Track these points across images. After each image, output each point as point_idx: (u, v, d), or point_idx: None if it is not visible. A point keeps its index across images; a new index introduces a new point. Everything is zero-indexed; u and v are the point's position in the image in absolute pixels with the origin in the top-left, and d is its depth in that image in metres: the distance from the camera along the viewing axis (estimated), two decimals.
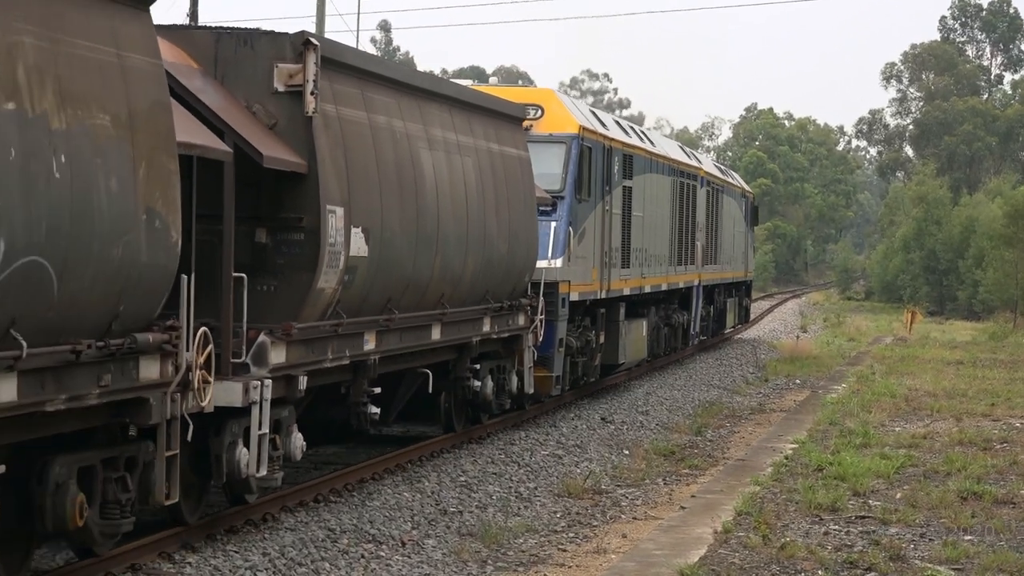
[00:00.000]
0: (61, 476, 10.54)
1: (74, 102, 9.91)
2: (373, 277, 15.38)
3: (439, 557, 13.72)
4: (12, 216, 9.09)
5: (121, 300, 10.51)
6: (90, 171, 10.02)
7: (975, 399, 27.35)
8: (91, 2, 10.34)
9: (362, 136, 15.26)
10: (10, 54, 9.25)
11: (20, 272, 9.25)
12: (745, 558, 13.11)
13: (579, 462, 20.00)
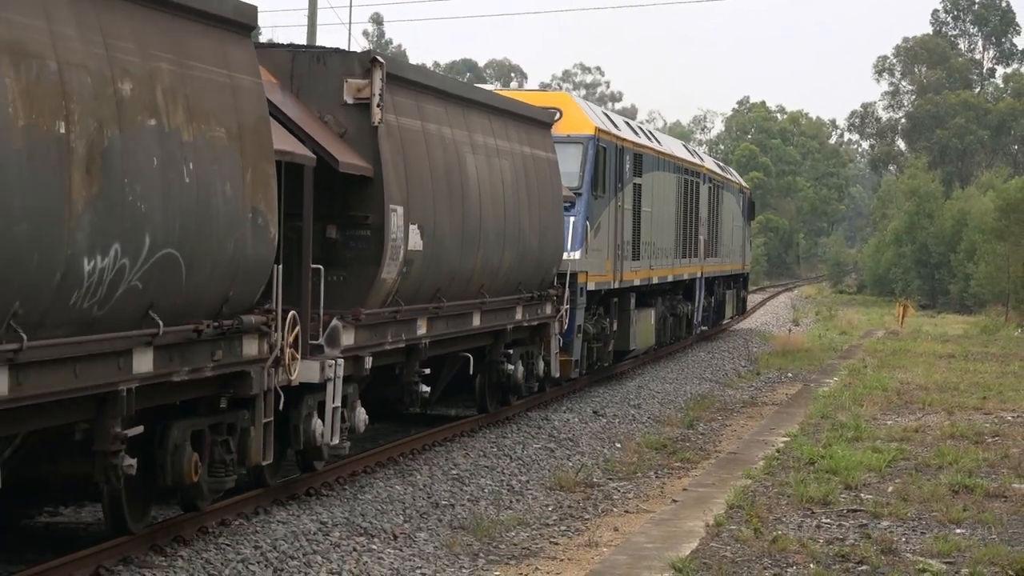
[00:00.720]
0: (179, 439, 12.26)
1: (198, 118, 11.70)
2: (426, 269, 17.13)
3: (431, 550, 13.73)
4: (154, 215, 10.93)
5: (231, 287, 12.35)
6: (210, 177, 11.79)
7: (967, 393, 27.37)
8: (208, 30, 12.14)
9: (417, 143, 17.09)
10: (151, 78, 11.07)
11: (159, 263, 11.07)
12: (737, 551, 13.12)
13: (571, 455, 20.01)
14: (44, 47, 9.85)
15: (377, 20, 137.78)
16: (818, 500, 15.64)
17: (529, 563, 13.55)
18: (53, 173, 9.80)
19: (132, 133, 10.77)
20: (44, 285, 9.80)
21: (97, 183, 10.28)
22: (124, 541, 12.01)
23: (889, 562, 12.85)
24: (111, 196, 10.43)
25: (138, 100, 10.88)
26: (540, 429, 21.65)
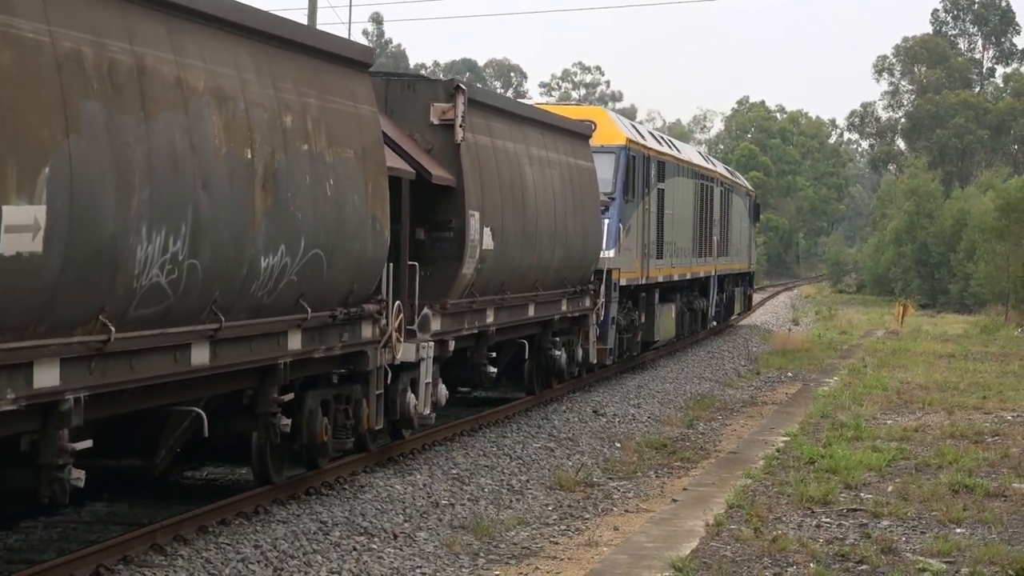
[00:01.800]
0: (312, 406, 14.83)
1: (335, 142, 14.41)
2: (495, 266, 19.94)
3: (431, 550, 13.72)
4: (307, 222, 13.62)
5: (355, 281, 15.04)
6: (344, 191, 14.52)
7: (967, 392, 27.38)
8: (340, 69, 14.92)
9: (488, 157, 19.85)
10: (304, 112, 13.80)
11: (309, 261, 13.74)
12: (737, 551, 13.12)
13: (571, 455, 20.01)
14: (236, 91, 12.52)
15: (377, 20, 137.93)
16: (818, 500, 15.64)
17: (529, 562, 13.55)
18: (244, 190, 12.51)
19: (293, 157, 13.46)
20: (235, 278, 12.48)
21: (270, 197, 12.97)
22: (124, 540, 12.02)
23: (889, 562, 12.85)
24: (279, 207, 13.13)
25: (296, 130, 13.63)
26: (540, 428, 21.66)
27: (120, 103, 10.73)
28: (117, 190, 10.57)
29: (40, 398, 10.16)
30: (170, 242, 11.31)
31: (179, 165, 11.46)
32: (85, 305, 10.42)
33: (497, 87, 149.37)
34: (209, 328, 12.17)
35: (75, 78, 10.23)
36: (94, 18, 10.62)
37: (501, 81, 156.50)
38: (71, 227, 10.02)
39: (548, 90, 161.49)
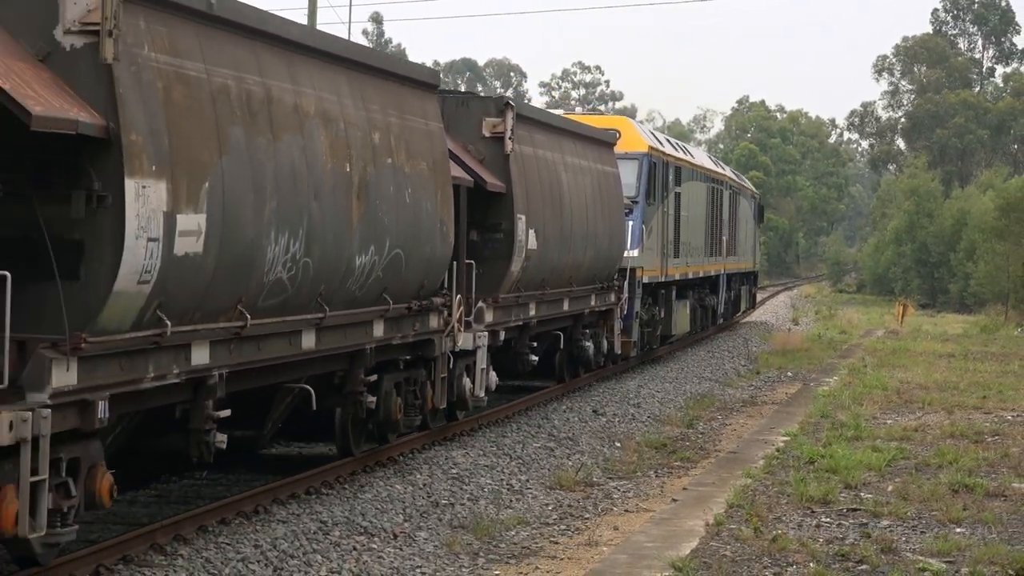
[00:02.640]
0: (388, 387, 16.83)
1: (412, 156, 16.52)
2: (538, 264, 22.16)
3: (431, 549, 13.72)
4: (391, 226, 15.71)
5: (425, 277, 17.18)
6: (419, 198, 16.64)
7: (966, 392, 27.37)
8: (415, 90, 17.10)
9: (531, 165, 22.08)
10: (388, 130, 15.88)
11: (391, 260, 15.81)
12: (737, 550, 13.12)
13: (571, 455, 20.01)
14: (337, 113, 14.61)
15: (377, 19, 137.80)
16: (818, 499, 15.64)
17: (529, 562, 13.55)
18: (344, 199, 14.62)
19: (380, 169, 15.56)
20: (336, 275, 14.60)
21: (364, 205, 15.08)
22: (124, 540, 12.02)
23: (889, 561, 12.85)
24: (370, 214, 15.23)
25: (383, 146, 15.72)
26: (540, 428, 21.66)
27: (255, 127, 12.83)
28: (254, 201, 12.69)
29: (195, 373, 12.24)
30: (290, 244, 13.42)
31: (297, 179, 13.58)
32: (228, 297, 12.53)
33: (497, 87, 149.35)
34: (316, 317, 14.33)
35: (224, 107, 12.31)
36: (235, 56, 12.70)
37: (501, 81, 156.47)
38: (222, 232, 12.06)
39: (548, 90, 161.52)
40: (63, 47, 10.77)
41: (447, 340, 18.25)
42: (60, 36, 10.78)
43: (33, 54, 10.72)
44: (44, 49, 10.79)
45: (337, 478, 16.05)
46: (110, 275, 10.71)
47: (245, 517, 13.81)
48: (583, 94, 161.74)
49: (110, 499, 11.20)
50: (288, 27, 14.02)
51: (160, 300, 11.35)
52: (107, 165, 10.70)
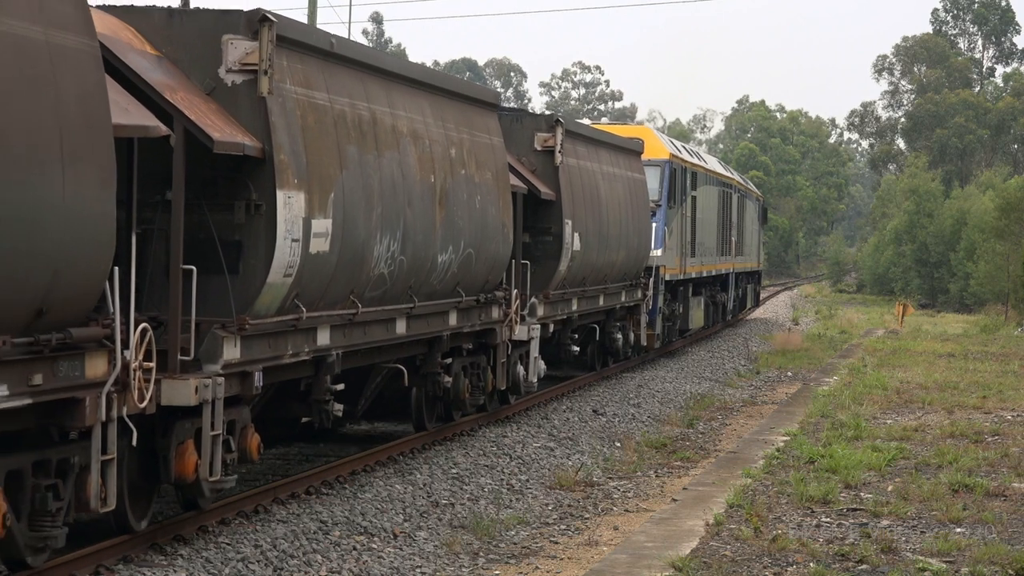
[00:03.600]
0: (457, 369, 19.22)
1: (480, 167, 19.03)
2: (581, 264, 24.73)
3: (431, 549, 13.73)
4: (465, 228, 18.25)
5: (490, 274, 19.67)
6: (486, 204, 19.13)
7: (966, 392, 27.35)
8: (480, 109, 19.73)
9: (576, 174, 24.64)
10: (461, 145, 18.39)
11: (464, 258, 18.23)
12: (737, 550, 13.12)
13: (571, 454, 20.01)
14: (423, 132, 17.13)
15: (377, 19, 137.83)
16: (818, 499, 15.63)
17: (529, 562, 13.55)
18: (429, 205, 17.11)
19: (456, 179, 18.07)
20: (423, 271, 17.03)
21: (444, 210, 17.56)
22: (124, 540, 12.02)
23: (889, 561, 12.84)
24: (449, 218, 17.72)
25: (458, 159, 18.21)
26: (540, 428, 21.67)
27: (365, 146, 15.28)
28: (365, 208, 15.14)
29: (319, 352, 14.68)
30: (390, 244, 15.83)
31: (396, 189, 16.05)
32: (344, 289, 14.93)
33: (497, 87, 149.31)
34: (407, 307, 16.82)
35: (342, 130, 14.75)
36: (349, 86, 15.13)
37: (501, 81, 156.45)
38: (343, 234, 14.48)
39: (548, 90, 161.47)
40: (225, 83, 13.20)
41: (506, 330, 20.66)
42: (223, 74, 13.21)
43: (202, 89, 13.13)
44: (210, 84, 13.19)
45: (337, 478, 16.06)
46: (264, 269, 13.14)
47: (245, 517, 13.82)
48: (583, 94, 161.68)
49: (257, 454, 13.68)
50: (385, 59, 17.23)
51: (297, 291, 13.76)
52: (262, 179, 13.10)
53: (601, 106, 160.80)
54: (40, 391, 10.09)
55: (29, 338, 9.84)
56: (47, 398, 10.22)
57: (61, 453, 10.71)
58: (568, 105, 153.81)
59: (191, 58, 13.20)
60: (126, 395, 11.01)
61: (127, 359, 10.89)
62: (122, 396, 10.97)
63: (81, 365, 10.55)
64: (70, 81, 10.07)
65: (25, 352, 9.86)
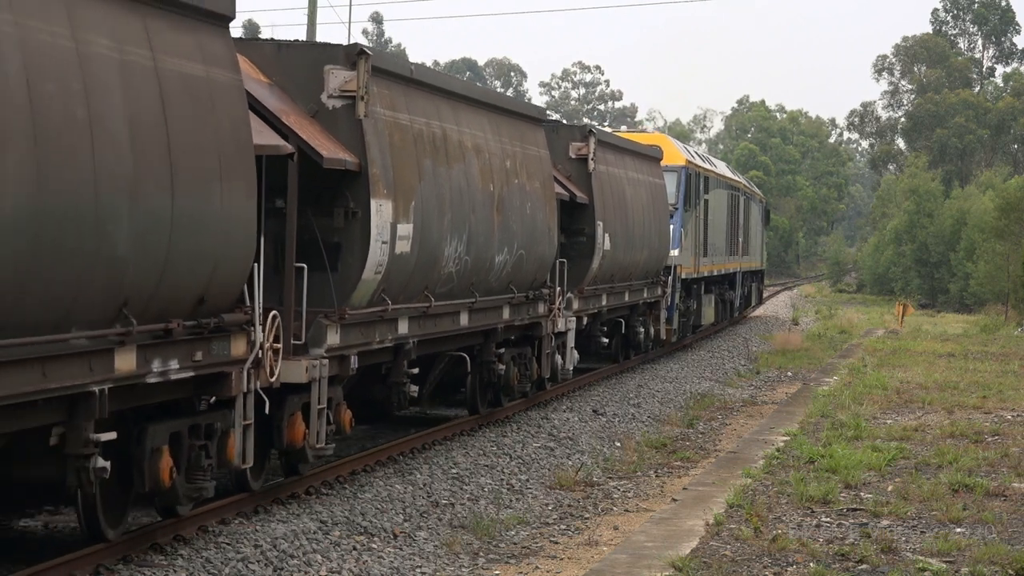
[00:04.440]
0: (507, 359, 21.16)
1: (530, 176, 21.21)
2: (611, 262, 26.95)
3: (431, 549, 13.73)
4: (518, 232, 20.30)
5: (538, 272, 21.82)
6: (535, 210, 21.28)
7: (966, 392, 27.35)
8: (529, 123, 21.83)
9: (606, 180, 26.94)
10: (514, 157, 20.55)
11: (516, 259, 20.33)
12: (737, 550, 13.12)
13: (571, 454, 20.01)
14: (483, 146, 19.33)
15: (377, 19, 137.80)
16: (818, 499, 15.63)
17: (529, 562, 13.55)
18: (489, 211, 19.21)
19: (510, 188, 20.18)
20: (483, 270, 19.18)
21: (501, 216, 19.66)
22: (124, 540, 12.02)
23: (889, 561, 12.84)
24: (505, 222, 19.82)
25: (512, 169, 20.36)
26: (540, 428, 21.67)
27: (438, 159, 17.39)
28: (438, 214, 17.20)
29: (398, 340, 16.73)
30: (457, 246, 17.92)
31: (463, 197, 18.16)
32: (420, 285, 17.03)
33: (497, 87, 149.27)
34: (469, 301, 18.86)
35: (420, 146, 16.84)
36: (424, 107, 17.25)
37: (501, 81, 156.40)
38: (421, 237, 16.54)
39: (548, 90, 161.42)
40: (327, 107, 15.24)
41: (550, 323, 22.80)
42: (325, 99, 15.22)
43: (306, 112, 15.13)
44: (313, 108, 15.20)
45: (337, 478, 16.06)
46: (359, 267, 15.24)
47: (245, 517, 13.82)
48: (583, 94, 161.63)
49: (350, 428, 15.83)
50: (453, 82, 19.39)
51: (384, 286, 15.85)
52: (358, 190, 15.19)
53: (601, 106, 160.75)
54: (200, 365, 12.11)
55: (193, 322, 11.85)
56: (205, 371, 12.24)
57: (208, 419, 12.71)
58: (568, 105, 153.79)
59: (296, 85, 15.23)
60: (259, 371, 13.04)
61: (260, 341, 12.95)
62: (256, 372, 12.97)
63: (228, 345, 12.60)
64: (224, 110, 12.15)
65: (190, 333, 11.88)
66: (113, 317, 10.84)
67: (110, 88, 10.60)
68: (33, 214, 9.62)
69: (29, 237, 9.61)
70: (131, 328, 10.91)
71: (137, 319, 10.94)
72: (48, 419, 10.62)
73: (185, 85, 11.56)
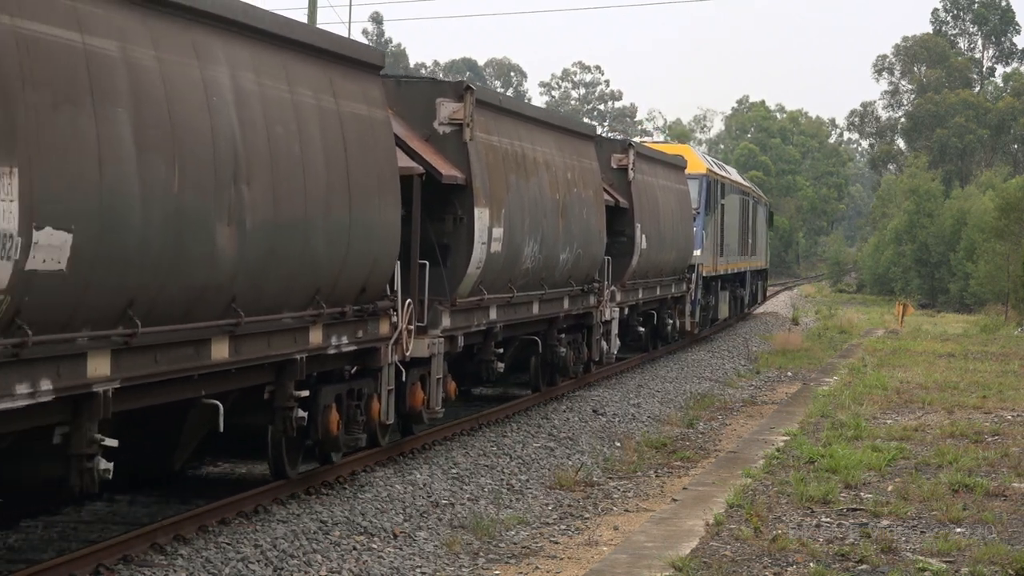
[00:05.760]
0: (565, 343, 24.64)
1: (585, 185, 24.75)
2: (646, 260, 30.46)
3: (431, 549, 13.72)
4: (577, 233, 23.76)
5: (591, 268, 25.31)
6: (588, 215, 24.70)
7: (966, 392, 27.34)
8: (583, 139, 25.63)
9: (642, 187, 30.35)
10: (573, 169, 23.88)
11: (575, 256, 23.77)
12: (737, 550, 13.11)
13: (571, 454, 20.01)
14: (551, 160, 23.00)
15: (377, 19, 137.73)
16: (818, 499, 15.63)
17: (529, 562, 13.55)
18: (555, 216, 22.67)
19: (571, 196, 23.71)
20: (551, 267, 22.81)
21: (564, 220, 23.17)
22: (124, 540, 12.03)
23: (889, 561, 12.84)
24: (567, 226, 23.32)
25: (572, 180, 23.88)
26: (540, 428, 21.67)
27: (519, 173, 21.00)
28: (520, 220, 20.80)
29: (489, 324, 20.45)
30: (533, 246, 21.52)
31: (537, 205, 21.73)
32: (506, 279, 20.57)
33: (497, 87, 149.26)
34: (540, 293, 22.43)
35: (507, 163, 20.47)
36: (508, 129, 20.97)
37: (501, 81, 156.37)
38: (508, 239, 20.14)
39: (548, 90, 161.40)
40: (438, 132, 18.71)
41: (598, 312, 26.11)
42: (436, 126, 18.68)
43: (421, 136, 18.47)
44: (426, 133, 18.61)
45: (337, 478, 16.06)
46: (465, 264, 18.75)
47: (245, 517, 13.81)
48: (583, 94, 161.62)
49: (454, 396, 19.44)
50: (528, 108, 23.85)
51: (482, 279, 19.32)
52: (465, 200, 18.69)
53: (601, 106, 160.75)
54: (361, 341, 15.56)
55: (358, 307, 15.28)
56: (364, 346, 15.73)
57: (359, 385, 16.10)
58: (568, 105, 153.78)
59: (413, 114, 18.60)
60: (398, 347, 16.50)
61: (400, 323, 16.51)
62: (395, 348, 16.44)
63: (378, 326, 16.03)
64: (380, 141, 15.72)
65: (355, 316, 15.28)
66: (309, 303, 14.14)
67: (312, 128, 14.00)
68: (270, 227, 12.91)
69: (267, 244, 12.88)
70: (321, 311, 14.30)
71: (324, 305, 14.30)
72: (264, 379, 13.85)
73: (356, 122, 15.10)
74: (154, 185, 11.00)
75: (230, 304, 12.47)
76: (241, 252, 12.39)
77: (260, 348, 13.22)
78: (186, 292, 11.76)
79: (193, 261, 11.72)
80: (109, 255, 10.46)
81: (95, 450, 10.93)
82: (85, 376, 10.61)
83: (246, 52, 12.86)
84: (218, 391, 12.93)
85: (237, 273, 12.44)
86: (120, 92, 10.66)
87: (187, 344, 12.01)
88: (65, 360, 10.34)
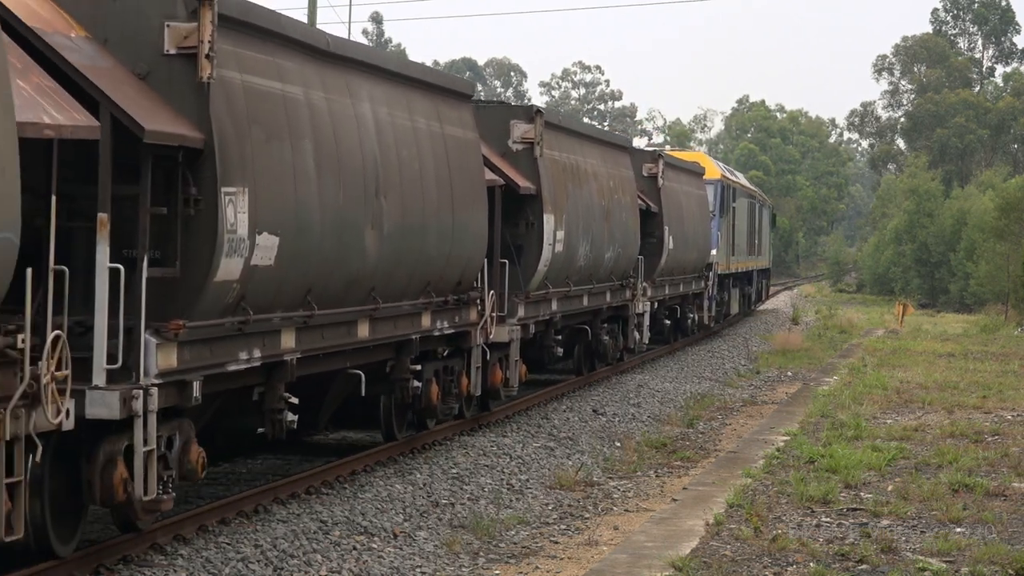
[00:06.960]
0: (607, 332, 27.76)
1: (623, 192, 28.33)
2: (672, 259, 33.57)
3: (431, 549, 13.72)
4: (617, 235, 27.30)
5: (628, 266, 28.57)
6: (627, 218, 28.31)
7: (966, 392, 27.35)
8: (620, 151, 29.28)
9: (668, 192, 33.32)
10: (614, 181, 27.45)
11: (615, 255, 27.31)
12: (737, 550, 13.12)
13: (571, 454, 20.00)
14: (598, 171, 26.13)
15: (377, 19, 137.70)
16: (818, 499, 15.63)
17: (529, 562, 13.55)
18: (601, 220, 25.83)
19: (613, 202, 26.92)
20: (598, 265, 25.91)
21: (608, 223, 26.22)
22: (124, 540, 12.02)
23: (889, 561, 12.84)
24: (611, 228, 26.50)
25: (613, 188, 27.12)
26: (540, 428, 21.67)
27: (574, 183, 24.18)
28: (576, 223, 23.95)
29: (552, 314, 23.62)
30: (586, 246, 24.68)
31: (588, 210, 24.77)
32: (564, 275, 23.69)
33: (497, 87, 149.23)
34: (588, 287, 25.55)
35: (566, 174, 23.63)
36: (566, 144, 24.19)
37: (501, 81, 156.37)
38: (567, 241, 23.35)
39: (548, 90, 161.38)
40: (512, 149, 21.90)
41: (633, 306, 29.38)
42: (510, 143, 21.95)
43: (498, 153, 21.59)
44: (502, 150, 21.75)
45: (337, 478, 16.06)
46: (535, 263, 21.89)
47: (245, 517, 13.82)
48: (583, 94, 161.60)
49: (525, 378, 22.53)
50: (579, 124, 28.34)
51: (547, 276, 22.52)
52: (535, 207, 21.88)
53: (601, 106, 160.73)
54: (457, 325, 18.67)
55: (455, 297, 18.38)
56: (459, 330, 18.81)
57: (451, 363, 19.05)
58: (568, 105, 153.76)
59: (490, 133, 21.25)
60: (483, 332, 19.51)
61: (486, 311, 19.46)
62: (481, 332, 19.45)
63: (468, 313, 19.10)
64: (472, 158, 18.86)
65: (453, 304, 18.40)
66: (421, 293, 17.24)
67: (425, 149, 17.15)
68: (399, 230, 16.06)
69: (397, 245, 15.99)
70: (431, 300, 17.47)
71: (433, 295, 17.42)
72: (389, 355, 16.88)
73: (455, 143, 18.19)
74: (327, 199, 14.15)
75: (370, 293, 15.59)
76: (380, 251, 15.52)
77: (389, 329, 16.40)
78: (343, 283, 14.87)
79: (349, 258, 14.87)
80: (299, 253, 13.50)
81: (283, 405, 13.85)
82: (279, 348, 13.67)
83: (380, 89, 16.08)
84: (359, 364, 15.96)
85: (377, 268, 15.56)
86: (305, 127, 13.81)
87: (342, 324, 15.14)
88: (268, 335, 13.41)
